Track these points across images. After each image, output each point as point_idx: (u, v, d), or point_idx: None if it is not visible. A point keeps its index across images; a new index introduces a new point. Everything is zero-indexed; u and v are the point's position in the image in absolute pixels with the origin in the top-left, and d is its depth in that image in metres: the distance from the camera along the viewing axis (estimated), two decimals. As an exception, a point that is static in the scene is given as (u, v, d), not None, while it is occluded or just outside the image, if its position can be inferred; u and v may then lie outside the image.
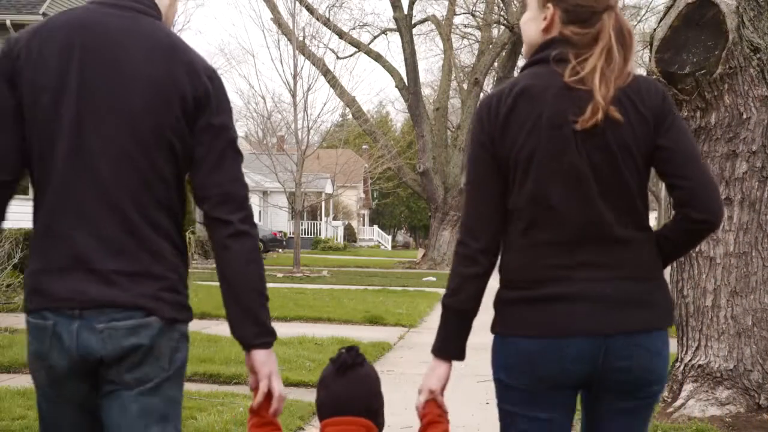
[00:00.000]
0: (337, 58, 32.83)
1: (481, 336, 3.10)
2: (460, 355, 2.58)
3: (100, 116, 2.26)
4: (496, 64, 35.03)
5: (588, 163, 2.36)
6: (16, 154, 2.33)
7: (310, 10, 30.49)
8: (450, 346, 2.58)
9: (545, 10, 2.46)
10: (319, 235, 51.42)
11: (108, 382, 2.26)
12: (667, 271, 6.75)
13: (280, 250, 41.99)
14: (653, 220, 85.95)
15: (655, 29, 6.13)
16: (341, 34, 33.02)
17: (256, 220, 2.43)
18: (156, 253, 2.28)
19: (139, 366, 2.25)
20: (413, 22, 34.05)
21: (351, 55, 33.57)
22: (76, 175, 2.26)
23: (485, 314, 2.88)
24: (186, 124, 2.31)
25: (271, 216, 51.70)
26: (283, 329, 11.61)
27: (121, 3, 2.35)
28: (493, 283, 2.57)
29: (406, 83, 32.88)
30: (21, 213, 17.26)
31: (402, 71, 33.31)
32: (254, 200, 52.04)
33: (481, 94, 37.63)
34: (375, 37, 37.59)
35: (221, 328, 11.90)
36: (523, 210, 2.43)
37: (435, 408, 2.58)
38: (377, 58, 33.87)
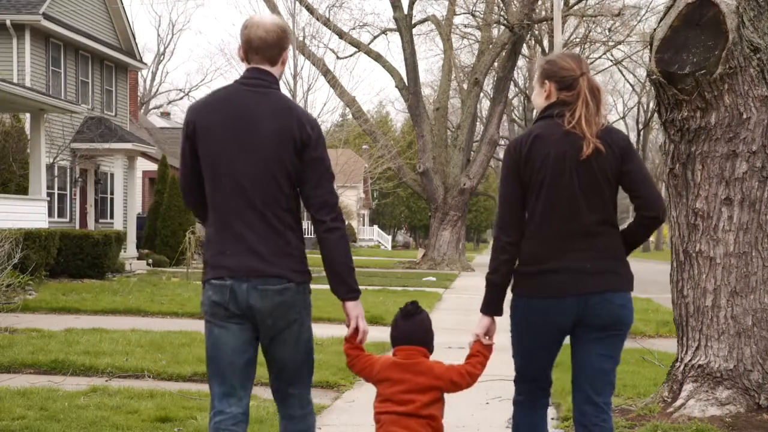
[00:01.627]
0: (337, 58, 32.87)
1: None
2: (499, 312, 3.98)
3: (246, 156, 3.67)
4: (496, 64, 34.97)
5: (578, 183, 3.78)
6: (199, 181, 3.78)
7: (310, 10, 30.50)
8: (491, 306, 3.97)
9: (544, 85, 3.93)
10: (319, 235, 51.26)
11: (269, 327, 3.67)
12: (666, 271, 6.76)
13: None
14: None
15: (655, 29, 6.13)
16: (341, 34, 33.00)
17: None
18: (286, 241, 3.68)
19: (285, 314, 3.68)
20: (413, 22, 34.00)
21: (351, 55, 33.63)
22: (235, 194, 3.66)
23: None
24: (297, 158, 3.67)
25: (271, 216, 51.12)
26: (283, 329, 11.62)
27: (255, 82, 3.75)
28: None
29: (406, 83, 32.84)
30: (21, 213, 17.30)
31: (402, 71, 33.27)
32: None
33: (481, 94, 37.65)
34: (375, 37, 37.56)
35: (221, 328, 11.90)
36: (537, 213, 3.83)
37: (479, 345, 3.98)
38: (377, 58, 33.83)
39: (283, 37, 3.78)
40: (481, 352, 3.96)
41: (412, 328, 3.96)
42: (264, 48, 3.74)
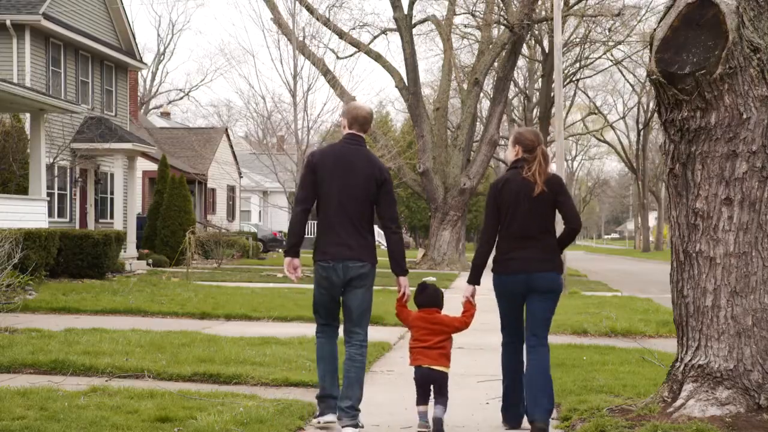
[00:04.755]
0: (337, 58, 32.78)
1: (479, 338, 3.12)
2: (478, 283, 6.48)
3: (345, 187, 6.23)
4: (496, 64, 34.96)
5: (529, 208, 6.23)
6: (315, 199, 6.31)
7: (310, 10, 30.45)
8: (474, 279, 6.48)
9: (515, 147, 6.41)
10: (319, 235, 51.09)
11: (352, 286, 6.23)
12: (666, 271, 6.77)
13: (280, 250, 41.95)
14: (653, 219, 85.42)
15: (655, 29, 6.13)
16: (341, 34, 32.95)
17: (255, 220, 5.84)
18: (364, 238, 6.26)
19: (362, 280, 6.25)
20: (413, 22, 33.97)
21: (351, 55, 33.50)
22: (338, 210, 6.23)
23: (483, 315, 3.08)
24: (376, 190, 6.27)
25: (271, 216, 51.31)
26: (283, 329, 11.60)
27: (353, 142, 6.35)
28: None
29: (406, 83, 32.83)
30: (21, 213, 17.27)
31: (402, 71, 33.25)
32: (254, 200, 51.66)
33: (481, 94, 37.63)
34: (375, 37, 37.46)
35: (221, 328, 11.88)
36: (505, 225, 6.33)
37: (469, 304, 6.44)
38: (377, 58, 33.81)
39: (373, 117, 6.52)
40: (471, 309, 6.44)
41: (425, 298, 6.37)
42: (365, 123, 6.40)
